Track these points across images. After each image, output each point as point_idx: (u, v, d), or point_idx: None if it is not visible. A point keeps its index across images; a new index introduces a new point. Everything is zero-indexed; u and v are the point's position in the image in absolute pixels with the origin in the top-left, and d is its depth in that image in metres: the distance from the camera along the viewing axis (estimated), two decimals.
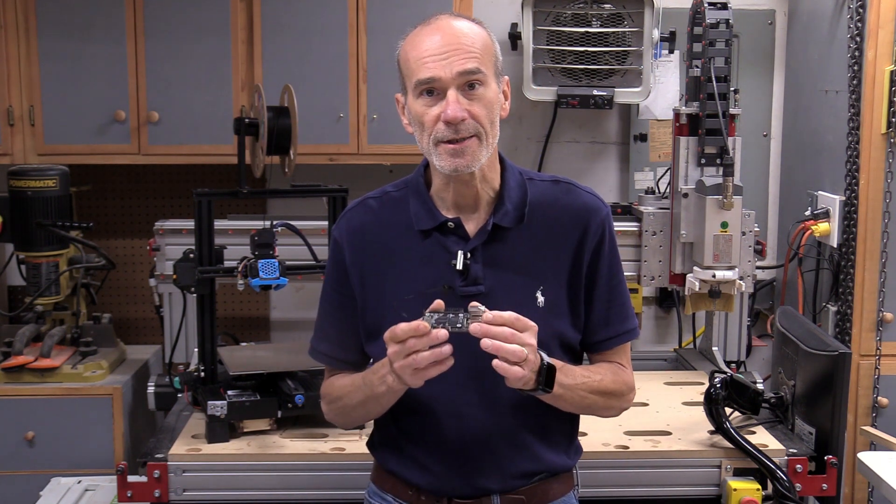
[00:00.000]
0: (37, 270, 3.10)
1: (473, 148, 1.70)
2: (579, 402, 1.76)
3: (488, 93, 1.70)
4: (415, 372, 1.60)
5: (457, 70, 1.67)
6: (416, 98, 1.71)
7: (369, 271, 1.80)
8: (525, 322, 1.61)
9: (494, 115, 1.72)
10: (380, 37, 3.10)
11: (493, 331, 1.58)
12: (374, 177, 3.33)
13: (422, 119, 1.71)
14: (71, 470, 2.90)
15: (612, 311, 1.83)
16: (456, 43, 1.68)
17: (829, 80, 3.11)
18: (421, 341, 1.58)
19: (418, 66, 1.69)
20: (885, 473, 2.33)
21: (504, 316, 1.59)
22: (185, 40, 3.11)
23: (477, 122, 1.69)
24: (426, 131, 1.71)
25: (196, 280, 2.48)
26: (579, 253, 1.79)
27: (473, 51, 1.69)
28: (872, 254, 2.92)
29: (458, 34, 1.69)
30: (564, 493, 1.87)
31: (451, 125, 1.68)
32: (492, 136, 1.72)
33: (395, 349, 1.60)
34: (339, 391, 1.85)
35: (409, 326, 1.58)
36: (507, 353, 1.58)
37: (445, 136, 1.69)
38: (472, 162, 1.71)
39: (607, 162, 3.62)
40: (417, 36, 1.72)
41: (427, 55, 1.68)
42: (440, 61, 1.67)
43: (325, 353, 1.89)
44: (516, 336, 1.58)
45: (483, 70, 1.69)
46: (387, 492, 1.87)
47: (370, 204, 1.85)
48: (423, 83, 1.68)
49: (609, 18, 3.20)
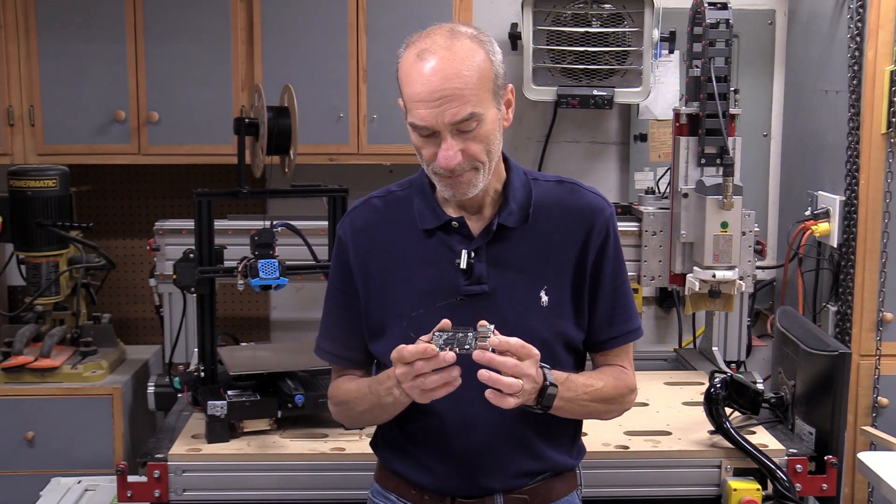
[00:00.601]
0: (37, 270, 3.10)
1: (470, 178, 1.70)
2: (580, 410, 1.77)
3: (484, 127, 1.67)
4: (422, 393, 1.61)
5: (448, 121, 1.63)
6: (412, 130, 1.70)
7: (373, 270, 1.80)
8: (529, 350, 1.61)
9: (493, 144, 1.70)
10: (380, 37, 3.10)
11: (497, 361, 1.58)
12: (374, 177, 3.33)
13: (419, 150, 1.71)
14: (71, 470, 2.90)
15: (616, 311, 1.83)
16: (449, 87, 1.62)
17: (829, 80, 3.11)
18: (429, 364, 1.58)
19: (412, 106, 1.66)
20: (885, 473, 2.33)
21: (510, 342, 1.59)
22: (185, 40, 3.11)
23: (473, 158, 1.68)
24: (424, 161, 1.71)
25: (196, 280, 2.48)
26: (583, 253, 1.79)
27: (466, 94, 1.63)
28: (872, 254, 2.92)
29: (452, 72, 1.62)
30: (568, 492, 1.88)
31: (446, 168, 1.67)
32: (490, 161, 1.70)
33: (402, 370, 1.60)
34: (345, 395, 1.85)
35: (417, 349, 1.58)
36: (503, 386, 1.58)
37: (442, 173, 1.69)
38: (469, 190, 1.71)
39: (607, 162, 3.62)
40: (413, 67, 1.65)
41: (420, 99, 1.64)
42: (433, 108, 1.63)
43: (330, 352, 1.89)
44: (518, 367, 1.59)
45: (478, 111, 1.64)
46: (390, 491, 1.88)
47: (374, 203, 1.85)
48: (416, 128, 1.67)
49: (609, 18, 3.20)
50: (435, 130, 1.65)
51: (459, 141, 1.65)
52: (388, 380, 1.69)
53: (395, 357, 1.61)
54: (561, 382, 1.68)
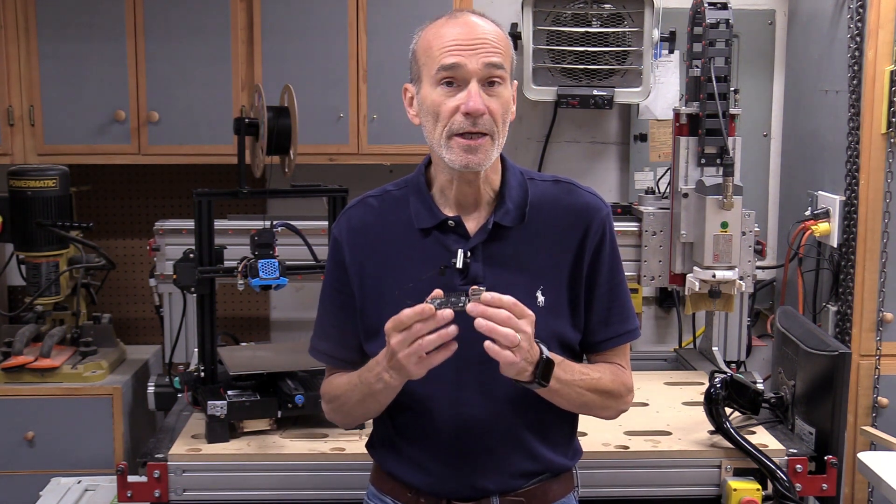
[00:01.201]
0: (37, 270, 3.10)
1: (486, 147, 1.70)
2: (576, 398, 1.75)
3: (505, 92, 1.71)
4: (419, 360, 1.59)
5: (483, 62, 1.67)
6: (433, 87, 1.70)
7: (369, 270, 1.80)
8: (523, 309, 1.60)
9: (507, 116, 1.73)
10: (380, 37, 3.10)
11: (490, 312, 1.57)
12: (374, 177, 3.33)
13: (438, 109, 1.69)
14: (71, 470, 2.90)
15: (612, 311, 1.82)
16: (484, 36, 1.68)
17: (829, 80, 3.11)
18: (427, 324, 1.56)
19: (443, 53, 1.68)
20: (885, 473, 2.33)
21: (503, 299, 1.58)
22: (185, 40, 3.11)
23: (493, 120, 1.69)
24: (441, 122, 1.70)
25: (196, 280, 2.48)
26: (580, 253, 1.78)
27: (499, 47, 1.70)
28: (872, 254, 2.92)
29: (484, 30, 1.70)
30: (564, 494, 1.87)
31: (469, 117, 1.67)
32: (502, 136, 1.72)
33: (399, 338, 1.59)
34: (336, 390, 1.84)
35: (415, 311, 1.57)
36: (500, 336, 1.56)
37: (462, 127, 1.68)
38: (484, 160, 1.70)
39: (607, 162, 3.62)
40: (443, 27, 1.71)
41: (453, 44, 1.68)
42: (467, 50, 1.67)
43: (324, 352, 1.89)
44: (512, 320, 1.57)
45: (505, 67, 1.70)
46: (385, 493, 1.87)
47: (370, 202, 1.84)
48: (446, 69, 1.67)
49: (609, 18, 3.20)
50: (463, 79, 1.67)
51: (484, 95, 1.68)
52: (377, 365, 1.68)
53: (390, 326, 1.60)
54: (557, 363, 1.67)
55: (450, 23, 1.71)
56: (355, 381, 1.77)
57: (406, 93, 1.79)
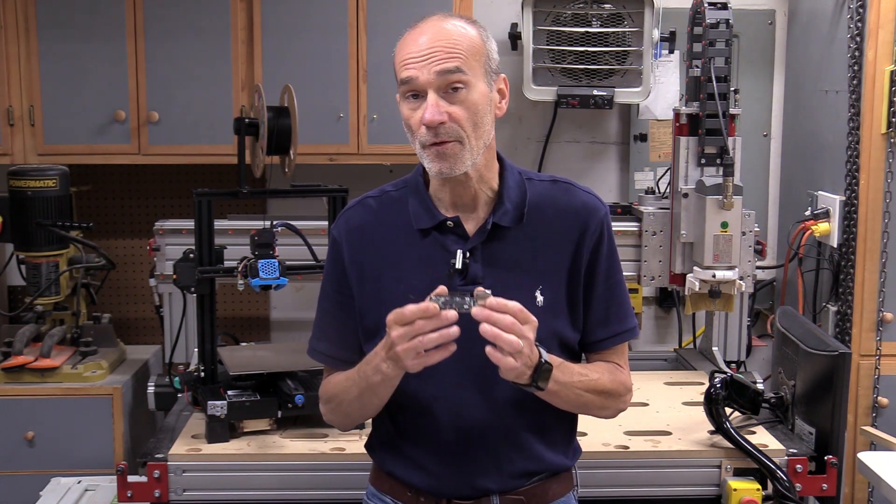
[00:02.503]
0: (37, 270, 3.10)
1: (455, 152, 1.69)
2: (575, 399, 1.75)
3: (472, 95, 1.69)
4: (417, 356, 1.59)
5: (434, 70, 1.66)
6: (402, 100, 1.71)
7: (368, 270, 1.80)
8: (527, 315, 1.59)
9: (480, 118, 1.70)
10: (380, 37, 3.10)
11: (495, 317, 1.56)
12: (374, 177, 3.33)
13: (408, 122, 1.71)
14: (71, 470, 2.90)
15: (610, 311, 1.82)
16: (437, 44, 1.67)
17: (829, 80, 3.11)
18: (429, 323, 1.56)
19: (401, 67, 1.69)
20: (885, 473, 2.33)
21: (508, 305, 1.58)
22: (185, 40, 3.11)
23: (458, 126, 1.68)
24: (413, 134, 1.71)
25: (196, 280, 2.48)
26: (578, 253, 1.78)
27: (455, 51, 1.67)
28: (872, 254, 2.92)
29: (442, 35, 1.68)
30: (563, 493, 1.87)
31: (430, 128, 1.67)
32: (475, 138, 1.70)
33: (400, 332, 1.58)
34: (334, 388, 1.84)
35: (419, 308, 1.56)
36: (504, 343, 1.56)
37: (427, 139, 1.69)
38: (455, 165, 1.70)
39: (607, 162, 3.62)
40: (406, 38, 1.72)
41: (409, 57, 1.68)
42: (419, 62, 1.67)
43: (323, 353, 1.88)
44: (516, 327, 1.57)
45: (465, 70, 1.67)
46: (385, 493, 1.87)
47: (369, 203, 1.85)
48: (403, 83, 1.69)
49: (609, 18, 3.20)
50: (421, 90, 1.67)
51: (444, 103, 1.67)
52: (375, 356, 1.67)
53: (392, 319, 1.59)
54: (556, 366, 1.67)
55: (411, 34, 1.71)
56: (353, 377, 1.76)
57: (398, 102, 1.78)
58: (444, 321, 1.56)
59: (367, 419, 1.90)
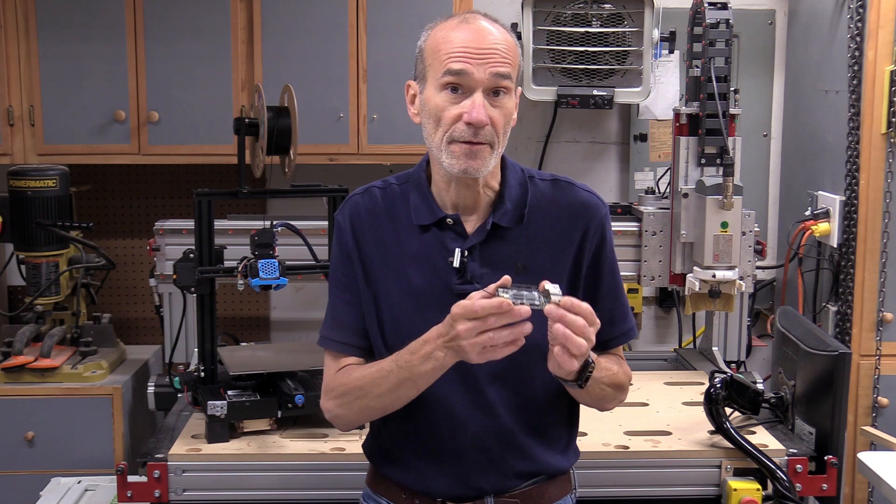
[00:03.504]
0: (37, 270, 3.10)
1: (486, 154, 1.69)
2: (598, 393, 1.73)
3: (509, 103, 1.70)
4: (484, 350, 1.55)
5: (491, 72, 1.65)
6: (438, 90, 1.68)
7: (369, 259, 1.79)
8: (595, 317, 1.57)
9: (509, 126, 1.72)
10: (380, 37, 3.10)
11: (569, 318, 1.53)
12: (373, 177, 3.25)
13: (440, 113, 1.68)
14: (71, 470, 2.90)
15: (616, 310, 1.82)
16: (493, 45, 1.66)
17: (829, 80, 3.11)
18: (502, 318, 1.52)
19: (450, 57, 1.66)
20: (885, 473, 2.33)
21: (581, 306, 1.55)
22: (185, 40, 3.11)
23: (494, 131, 1.68)
24: (442, 127, 1.68)
25: (196, 280, 2.48)
26: (580, 253, 1.78)
27: (509, 56, 1.67)
28: (872, 254, 2.92)
29: (496, 38, 1.67)
30: (561, 496, 1.86)
31: (471, 127, 1.66)
32: (502, 146, 1.71)
33: (468, 326, 1.53)
34: (357, 381, 1.75)
35: (492, 303, 1.52)
36: (573, 345, 1.53)
37: (463, 136, 1.67)
38: (483, 167, 1.69)
39: (607, 162, 3.62)
40: (453, 29, 1.68)
41: (462, 49, 1.65)
42: (475, 58, 1.65)
43: (338, 341, 1.81)
44: (586, 330, 1.55)
45: (512, 77, 1.68)
46: (381, 494, 1.87)
47: (374, 192, 1.84)
48: (453, 73, 1.65)
49: (609, 18, 3.20)
50: (468, 87, 1.65)
51: (488, 105, 1.66)
52: (426, 343, 1.62)
53: (459, 314, 1.54)
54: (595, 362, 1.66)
55: (461, 26, 1.68)
56: (389, 367, 1.69)
57: (409, 89, 1.77)
58: (517, 317, 1.52)
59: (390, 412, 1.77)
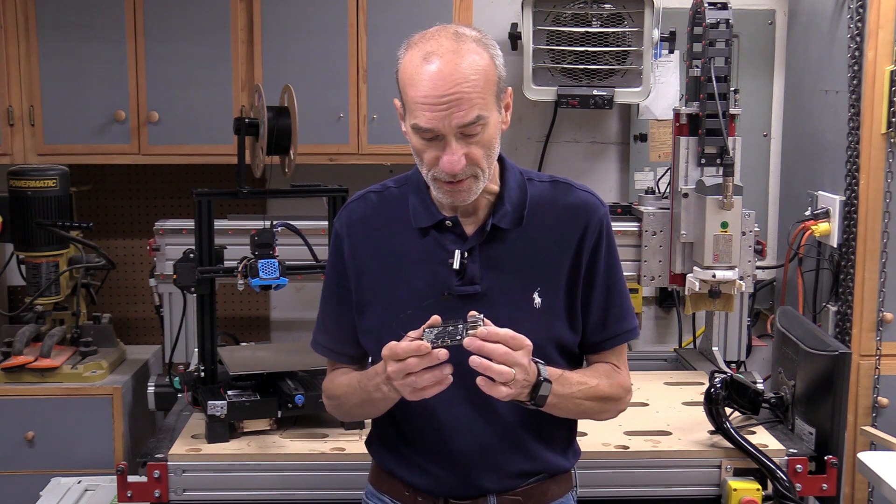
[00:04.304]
0: (37, 270, 3.10)
1: (469, 185, 1.69)
2: (574, 409, 1.75)
3: (488, 132, 1.66)
4: (413, 391, 1.60)
5: (456, 124, 1.62)
6: (413, 132, 1.67)
7: (367, 266, 1.80)
8: (520, 341, 1.59)
9: (493, 149, 1.69)
10: (380, 37, 3.10)
11: (487, 348, 1.56)
12: (374, 177, 3.29)
13: (420, 154, 1.69)
14: (71, 470, 2.90)
15: (610, 311, 1.81)
16: (457, 90, 1.60)
17: (829, 80, 3.11)
18: (421, 361, 1.56)
19: (416, 108, 1.63)
20: (885, 473, 2.33)
21: (499, 333, 1.57)
22: (185, 40, 3.11)
23: (475, 164, 1.66)
24: (424, 165, 1.69)
25: (196, 280, 2.48)
26: (578, 254, 1.78)
27: (474, 97, 1.61)
28: (872, 254, 2.92)
29: (459, 76, 1.60)
30: (562, 494, 1.87)
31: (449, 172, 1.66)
32: (488, 166, 1.69)
33: (394, 368, 1.59)
34: (337, 390, 1.85)
35: (410, 346, 1.56)
36: (495, 374, 1.56)
37: (444, 177, 1.67)
38: (469, 197, 1.70)
39: (607, 162, 3.62)
40: (417, 69, 1.62)
41: (427, 102, 1.61)
42: (440, 112, 1.61)
43: (324, 346, 1.89)
44: (509, 355, 1.57)
45: (484, 114, 1.63)
46: (384, 492, 1.87)
47: (371, 198, 1.84)
48: (419, 130, 1.64)
49: (609, 18, 3.20)
50: (439, 134, 1.64)
51: (463, 145, 1.64)
52: (376, 376, 1.68)
53: (386, 354, 1.60)
54: (555, 379, 1.67)
55: (424, 68, 1.61)
56: (355, 386, 1.77)
57: (397, 108, 1.75)
58: (435, 360, 1.56)
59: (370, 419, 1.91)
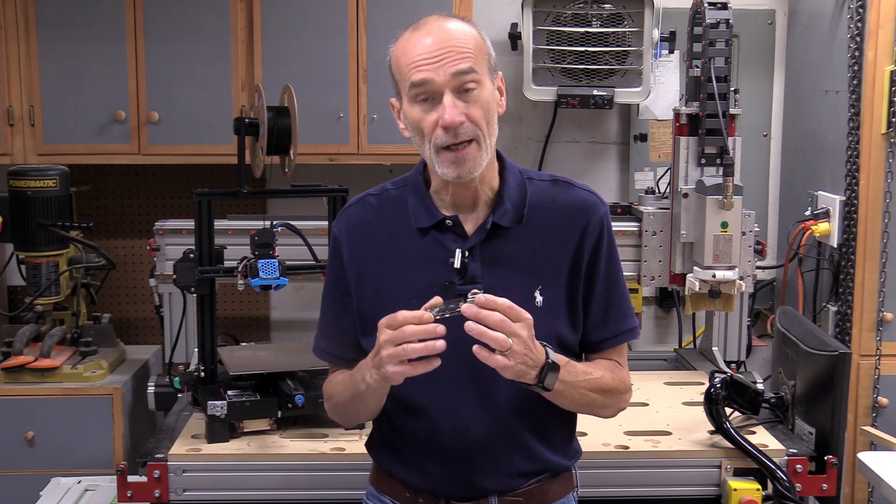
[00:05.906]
0: (37, 270, 3.10)
1: (473, 154, 1.69)
2: (579, 399, 1.74)
3: (484, 93, 1.69)
4: (400, 363, 1.58)
5: (450, 71, 1.65)
6: (411, 104, 1.70)
7: (367, 268, 1.80)
8: (519, 312, 1.59)
9: (491, 115, 1.71)
10: (380, 37, 3.10)
11: (483, 314, 1.56)
12: (374, 177, 3.32)
13: (420, 125, 1.69)
14: (71, 470, 2.90)
15: (610, 310, 1.82)
16: (447, 45, 1.66)
17: (829, 80, 3.11)
18: (418, 331, 1.56)
19: (410, 70, 1.67)
20: (885, 473, 2.33)
21: (497, 302, 1.57)
22: (185, 40, 3.11)
23: (475, 125, 1.67)
24: (426, 138, 1.70)
25: (196, 280, 2.48)
26: (578, 252, 1.78)
27: (466, 51, 1.67)
28: (872, 254, 2.92)
29: (448, 35, 1.68)
30: (563, 494, 1.87)
31: (449, 130, 1.66)
32: (490, 137, 1.71)
33: (388, 335, 1.58)
34: (332, 388, 1.86)
35: (412, 314, 1.57)
36: (490, 340, 1.56)
37: (445, 141, 1.67)
38: (474, 168, 1.70)
39: (607, 162, 3.62)
40: (408, 41, 1.70)
41: (419, 59, 1.66)
42: (432, 64, 1.65)
43: (324, 350, 1.89)
44: (505, 324, 1.56)
45: (477, 70, 1.67)
46: (384, 493, 1.87)
47: (369, 201, 1.85)
48: (416, 86, 1.67)
49: (609, 18, 3.20)
50: (435, 93, 1.66)
51: (461, 103, 1.66)
52: (363, 365, 1.68)
53: (384, 323, 1.59)
54: (562, 365, 1.67)
55: (414, 36, 1.69)
56: (347, 381, 1.78)
57: (393, 108, 1.79)
58: (432, 333, 1.56)
59: (361, 421, 1.90)
